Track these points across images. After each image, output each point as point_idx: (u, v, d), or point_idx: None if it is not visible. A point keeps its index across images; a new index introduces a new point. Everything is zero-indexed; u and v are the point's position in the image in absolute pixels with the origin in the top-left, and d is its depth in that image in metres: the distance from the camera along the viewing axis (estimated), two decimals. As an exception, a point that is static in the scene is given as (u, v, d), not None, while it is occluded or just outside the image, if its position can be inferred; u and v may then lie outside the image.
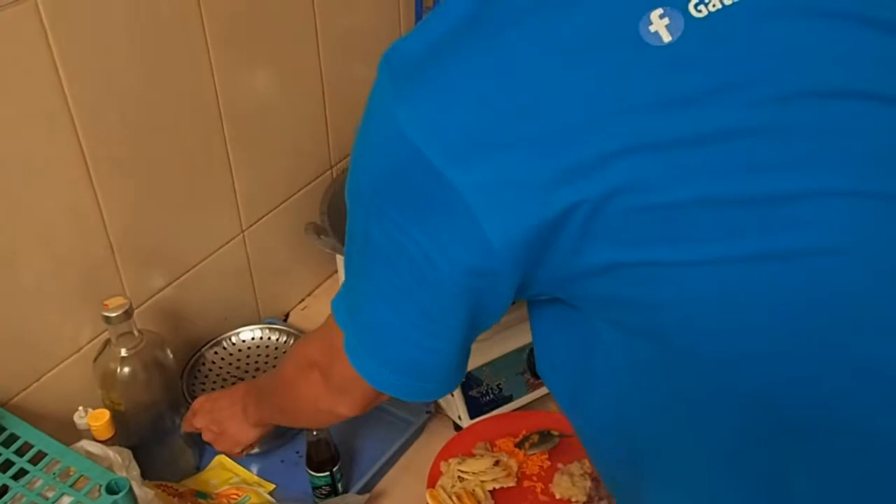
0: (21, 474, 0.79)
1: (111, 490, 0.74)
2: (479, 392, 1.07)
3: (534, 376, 1.10)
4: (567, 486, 1.01)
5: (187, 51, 1.00)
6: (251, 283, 1.23)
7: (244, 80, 1.09)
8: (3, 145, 0.83)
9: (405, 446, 1.09)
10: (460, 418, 1.08)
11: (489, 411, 1.08)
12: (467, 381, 1.07)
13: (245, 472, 1.06)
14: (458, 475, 1.01)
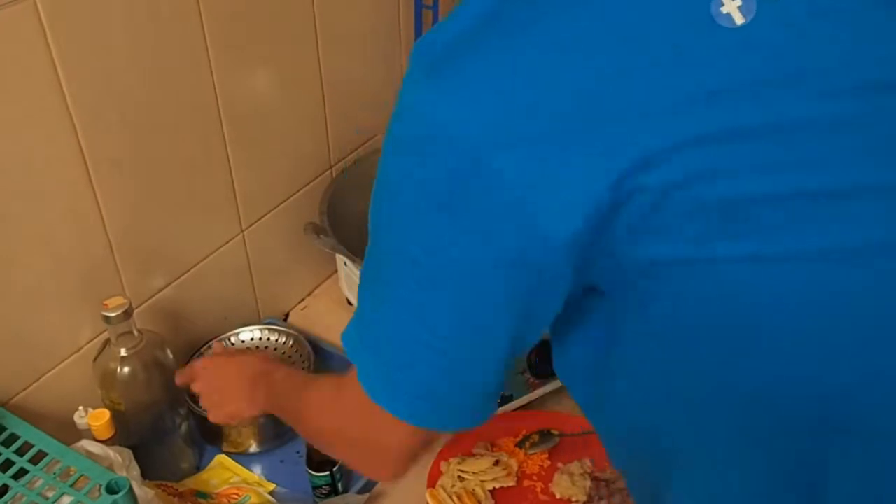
0: (21, 474, 0.79)
1: (111, 490, 0.74)
2: (479, 392, 1.07)
3: (534, 376, 1.10)
4: (567, 486, 1.01)
5: (187, 51, 1.00)
6: (251, 283, 1.23)
7: (244, 79, 1.09)
8: (3, 145, 0.83)
9: (405, 446, 1.08)
10: (460, 418, 1.08)
11: (489, 411, 1.08)
12: (467, 381, 1.06)
13: (245, 472, 1.06)
14: (459, 475, 1.01)
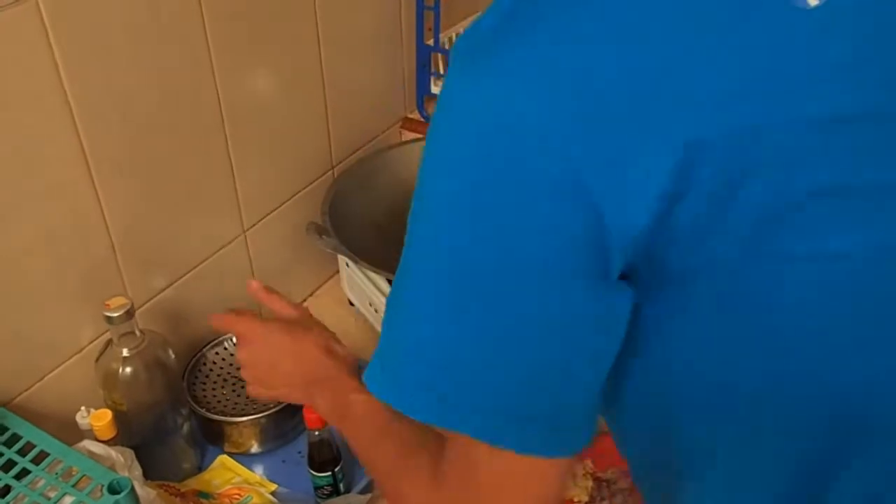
0: (23, 474, 0.80)
1: (113, 490, 0.74)
2: (481, 392, 1.07)
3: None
4: (569, 486, 1.00)
5: (188, 51, 1.00)
6: (253, 283, 1.23)
7: (245, 80, 1.09)
8: (5, 146, 0.83)
9: (407, 446, 1.08)
10: (462, 418, 1.07)
11: (491, 411, 1.08)
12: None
13: (247, 473, 1.06)
14: (460, 475, 1.01)
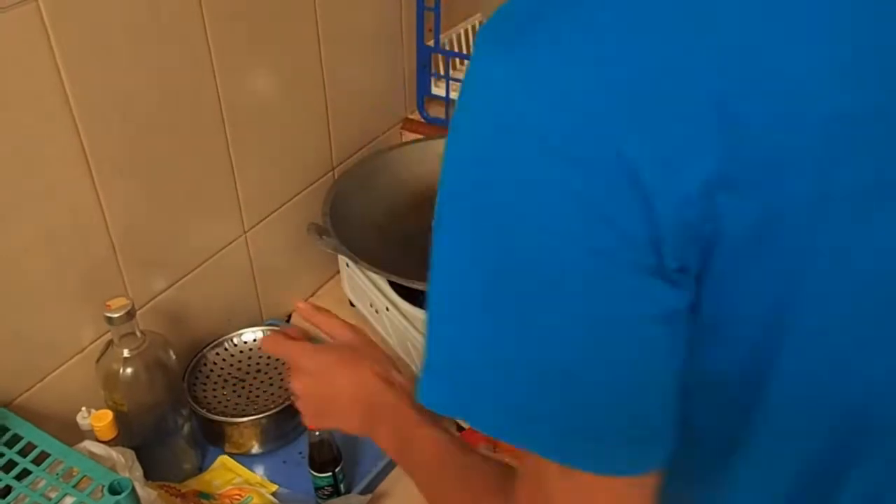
0: (24, 475, 0.80)
1: (114, 490, 0.74)
2: (482, 392, 1.07)
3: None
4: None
5: (189, 52, 1.00)
6: (253, 284, 1.23)
7: (246, 80, 1.09)
8: (5, 146, 0.83)
9: (407, 447, 1.08)
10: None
11: (491, 412, 1.08)
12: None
13: (248, 473, 1.06)
14: (461, 475, 1.01)
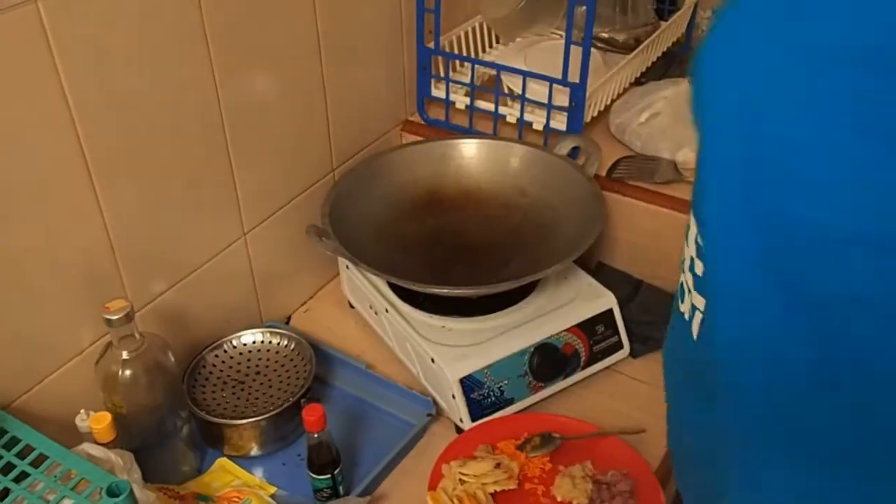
0: (22, 477, 0.80)
1: (112, 493, 0.74)
2: (481, 394, 1.07)
3: (536, 379, 1.10)
4: (569, 489, 1.00)
5: (189, 54, 1.00)
6: (253, 286, 1.23)
7: (245, 83, 1.09)
8: (5, 147, 0.83)
9: (406, 448, 1.08)
10: (462, 420, 1.08)
11: (491, 414, 1.08)
12: (469, 384, 1.07)
13: (246, 475, 1.06)
14: (460, 478, 1.01)
